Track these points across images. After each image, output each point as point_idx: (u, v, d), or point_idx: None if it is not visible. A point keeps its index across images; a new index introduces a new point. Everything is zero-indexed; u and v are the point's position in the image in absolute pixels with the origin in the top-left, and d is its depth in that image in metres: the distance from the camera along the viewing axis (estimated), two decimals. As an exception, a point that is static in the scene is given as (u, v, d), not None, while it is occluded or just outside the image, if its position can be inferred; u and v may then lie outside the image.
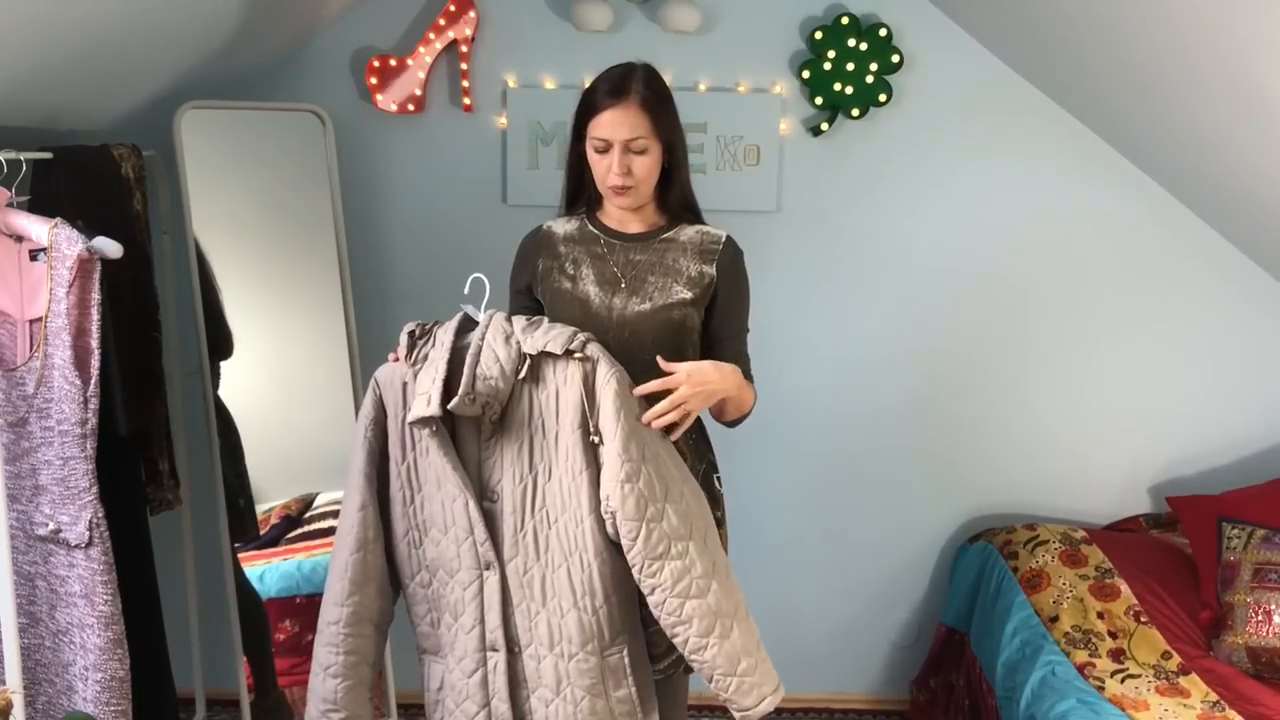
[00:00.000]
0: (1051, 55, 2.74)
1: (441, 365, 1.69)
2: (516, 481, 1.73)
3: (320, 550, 2.87)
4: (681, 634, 1.71)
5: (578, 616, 1.73)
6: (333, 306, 2.79)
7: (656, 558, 1.68)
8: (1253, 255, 2.93)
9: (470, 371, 1.67)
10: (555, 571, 1.73)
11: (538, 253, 1.98)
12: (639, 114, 1.83)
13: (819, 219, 2.97)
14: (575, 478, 1.70)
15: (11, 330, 1.92)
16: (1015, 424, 3.08)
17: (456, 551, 1.75)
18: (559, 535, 1.72)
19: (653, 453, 1.70)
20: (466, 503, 1.72)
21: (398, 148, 2.92)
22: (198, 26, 2.26)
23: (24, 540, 1.94)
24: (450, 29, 2.79)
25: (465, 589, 1.76)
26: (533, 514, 1.73)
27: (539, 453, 1.72)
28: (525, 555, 1.73)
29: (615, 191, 1.87)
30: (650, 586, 1.69)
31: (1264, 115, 2.19)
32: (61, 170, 2.17)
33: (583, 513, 1.70)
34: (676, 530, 1.69)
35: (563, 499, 1.72)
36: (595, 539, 1.71)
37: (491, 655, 1.76)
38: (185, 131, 2.53)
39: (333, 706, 1.80)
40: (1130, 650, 2.54)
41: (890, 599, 3.18)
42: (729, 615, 1.72)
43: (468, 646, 1.77)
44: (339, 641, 1.79)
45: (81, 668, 1.91)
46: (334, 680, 1.79)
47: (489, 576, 1.74)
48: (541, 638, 1.74)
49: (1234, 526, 2.67)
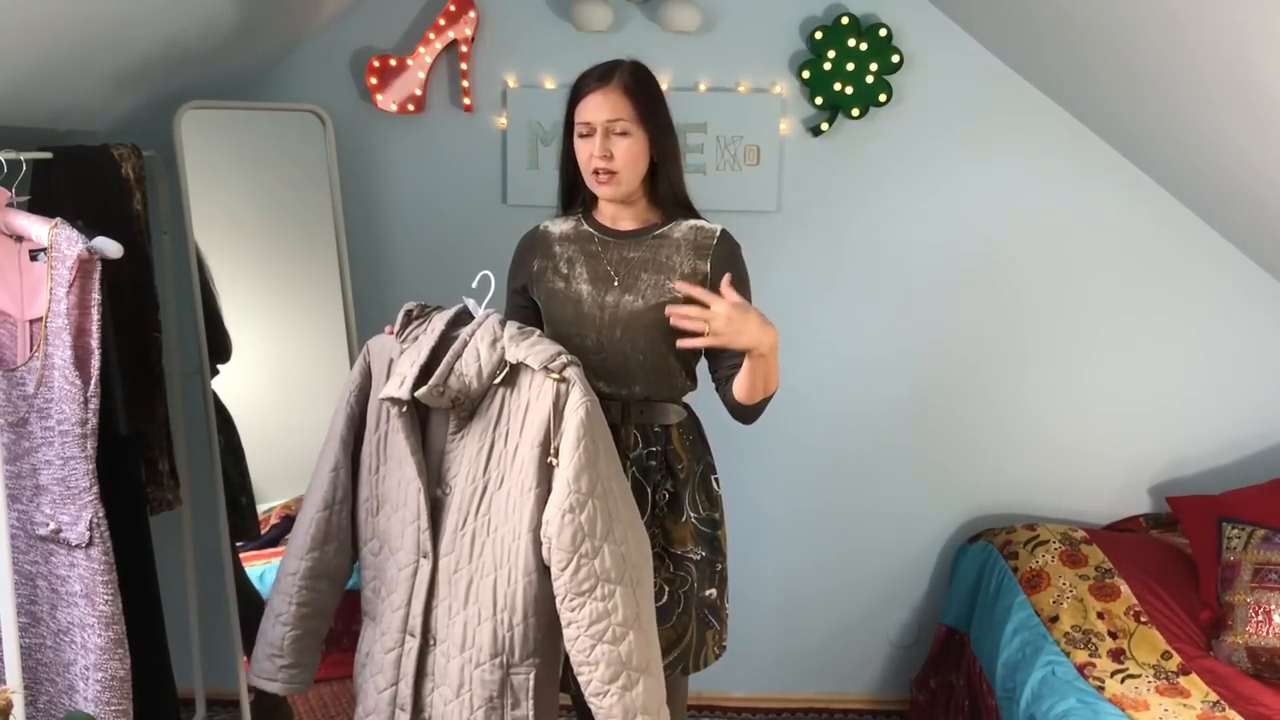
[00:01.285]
0: (1051, 55, 2.74)
1: (425, 351, 1.72)
2: (469, 480, 1.73)
3: (320, 550, 2.87)
4: (586, 674, 1.69)
5: (493, 628, 1.72)
6: (333, 306, 2.79)
7: (580, 594, 1.66)
8: (1252, 255, 2.93)
9: (447, 365, 1.69)
10: (483, 579, 1.73)
11: (533, 253, 1.98)
12: (621, 97, 1.85)
13: (819, 219, 2.97)
14: (523, 493, 1.69)
15: (11, 330, 1.92)
16: (1015, 424, 3.08)
17: (402, 531, 1.78)
18: (494, 544, 1.72)
19: (604, 488, 1.67)
20: (419, 489, 1.74)
21: (398, 148, 2.92)
22: (198, 26, 2.26)
23: (25, 540, 1.94)
24: (450, 29, 2.79)
25: (401, 570, 1.78)
26: (476, 516, 1.73)
27: (496, 459, 1.72)
28: (459, 554, 1.74)
29: (598, 178, 1.87)
30: (567, 620, 1.68)
31: (1264, 115, 2.19)
32: (61, 170, 2.17)
33: (521, 529, 1.70)
34: (607, 571, 1.67)
35: (506, 510, 1.71)
36: (528, 558, 1.70)
37: (409, 640, 1.78)
38: (185, 131, 2.53)
39: (278, 652, 1.86)
40: (1130, 650, 2.54)
41: (890, 599, 3.19)
42: (638, 669, 1.69)
43: (391, 624, 1.80)
44: (293, 593, 1.84)
45: (82, 667, 1.91)
46: (283, 628, 1.85)
47: (423, 565, 1.76)
48: (455, 638, 1.75)
49: (1234, 526, 2.67)
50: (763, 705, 3.17)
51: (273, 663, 1.86)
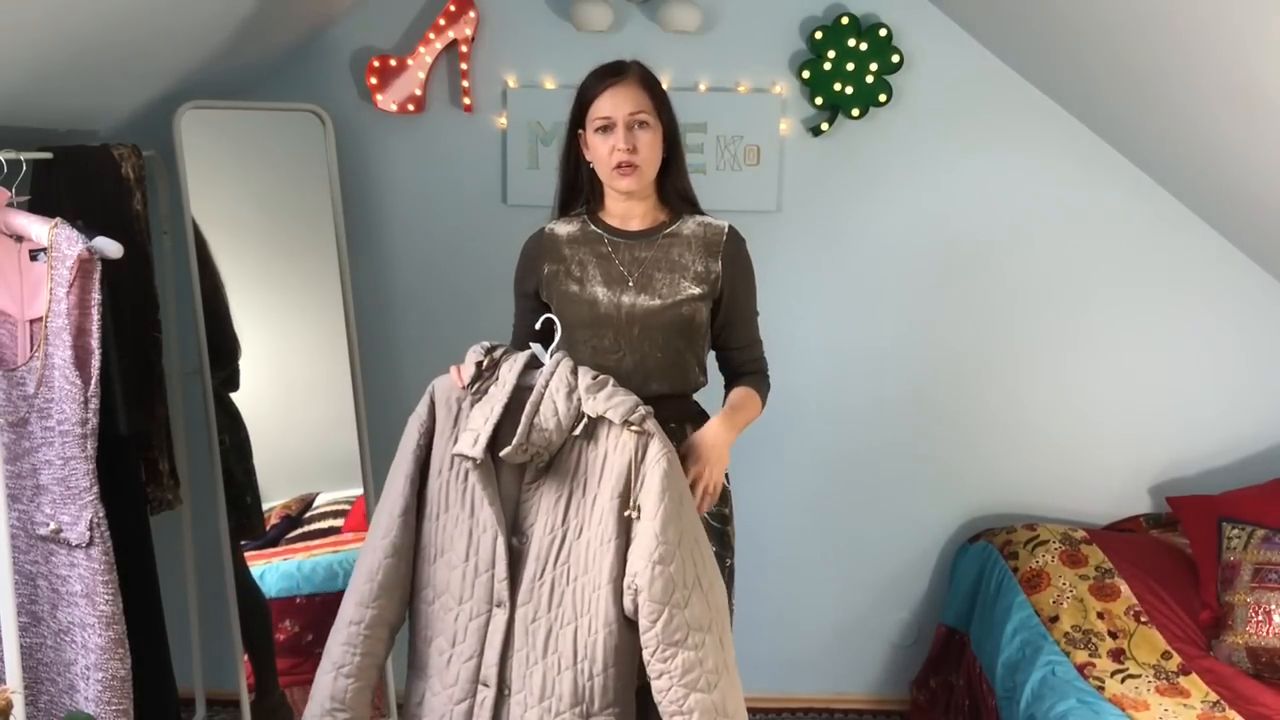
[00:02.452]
0: (1051, 55, 2.74)
1: (498, 408, 1.69)
2: (547, 531, 1.72)
3: (320, 550, 2.87)
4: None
5: (573, 677, 1.71)
6: (333, 306, 2.79)
7: (672, 644, 1.66)
8: (1252, 255, 2.93)
9: (528, 422, 1.66)
10: (563, 628, 1.72)
11: (542, 257, 1.98)
12: (639, 90, 1.88)
13: (819, 219, 2.97)
14: (603, 544, 1.69)
15: (12, 330, 1.92)
16: (1015, 424, 3.08)
17: (471, 581, 1.74)
18: (574, 594, 1.71)
19: (691, 539, 1.69)
20: (496, 537, 1.71)
21: (398, 148, 2.92)
22: (198, 26, 2.26)
23: (25, 540, 1.94)
24: (450, 29, 2.79)
25: (471, 620, 1.75)
26: (554, 566, 1.72)
27: (575, 509, 1.71)
28: (538, 604, 1.72)
29: (621, 171, 1.87)
30: (659, 671, 1.68)
31: (1263, 115, 2.19)
32: (61, 170, 2.17)
33: (602, 579, 1.69)
34: (698, 620, 1.68)
35: (586, 561, 1.71)
36: (608, 608, 1.69)
37: (482, 690, 1.75)
38: (185, 131, 2.53)
39: (340, 706, 1.78)
40: (1130, 650, 2.54)
41: (890, 599, 3.18)
42: (731, 715, 1.71)
43: (460, 675, 1.76)
44: (358, 643, 1.77)
45: (83, 667, 1.91)
46: (346, 680, 1.78)
47: (498, 614, 1.73)
48: (533, 687, 1.73)
49: (1234, 526, 2.67)
50: (763, 705, 3.17)
51: (333, 717, 1.79)
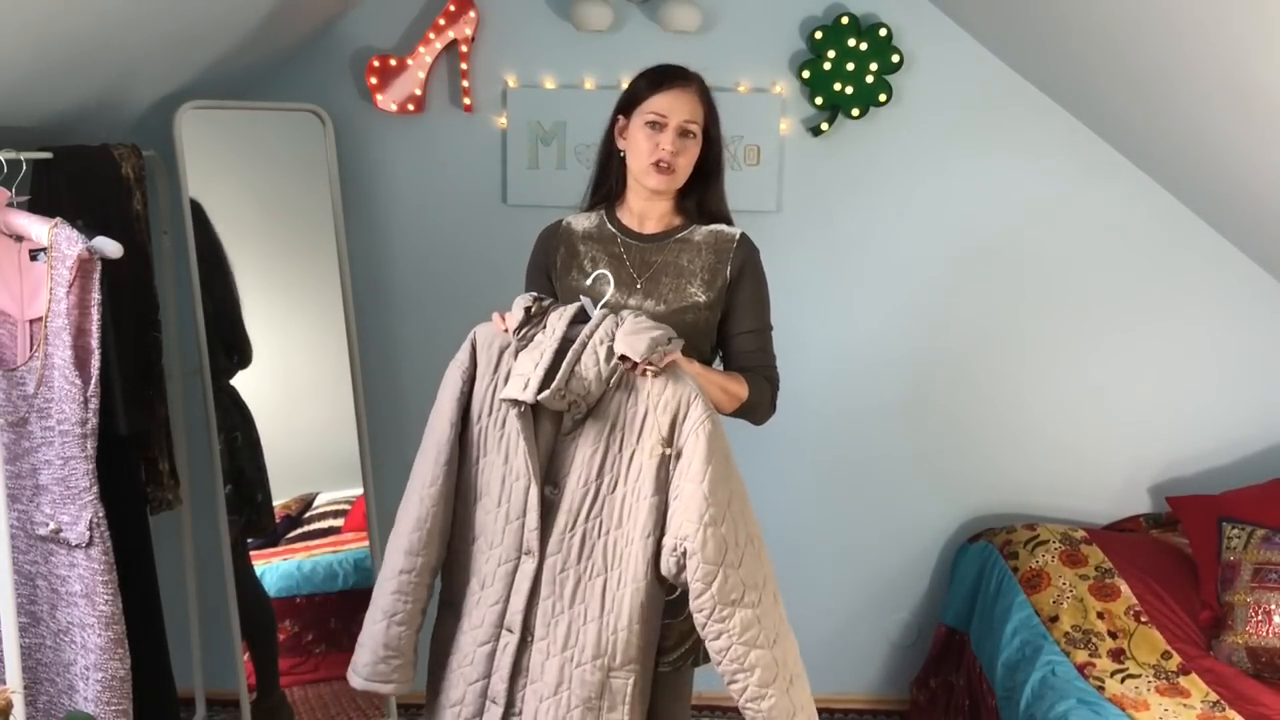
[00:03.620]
0: (1051, 55, 2.74)
1: (548, 354, 1.68)
2: (581, 483, 1.72)
3: (320, 550, 2.87)
4: (741, 681, 1.70)
5: (597, 629, 1.72)
6: (333, 306, 2.79)
7: (729, 604, 1.67)
8: (1253, 255, 2.93)
9: (568, 369, 1.66)
10: (591, 580, 1.73)
11: (557, 244, 1.99)
12: (699, 102, 1.90)
13: (819, 219, 2.97)
14: (639, 500, 1.69)
15: (11, 330, 1.92)
16: (1015, 424, 3.08)
17: (503, 527, 1.75)
18: (605, 548, 1.72)
19: (740, 499, 1.70)
20: (528, 487, 1.71)
21: (398, 148, 2.92)
22: (198, 27, 2.26)
23: (25, 540, 1.94)
24: (450, 29, 2.79)
25: (500, 565, 1.75)
26: (587, 519, 1.72)
27: (610, 463, 1.71)
28: (567, 555, 1.73)
29: (658, 168, 1.88)
30: (717, 632, 1.68)
31: (1263, 115, 2.19)
32: (61, 170, 2.17)
33: (635, 534, 1.70)
34: (752, 579, 1.69)
35: (620, 515, 1.71)
36: (639, 564, 1.70)
37: (505, 635, 1.76)
38: (185, 131, 2.53)
39: (394, 653, 1.80)
40: (1130, 650, 2.54)
41: (890, 599, 3.19)
42: (790, 671, 1.72)
43: (486, 618, 1.77)
44: (409, 590, 1.78)
45: (82, 667, 1.91)
46: (399, 628, 1.79)
47: (526, 562, 1.74)
48: (557, 636, 1.74)
49: (1234, 526, 2.67)
50: (763, 705, 3.17)
51: (388, 664, 1.81)
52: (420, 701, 3.20)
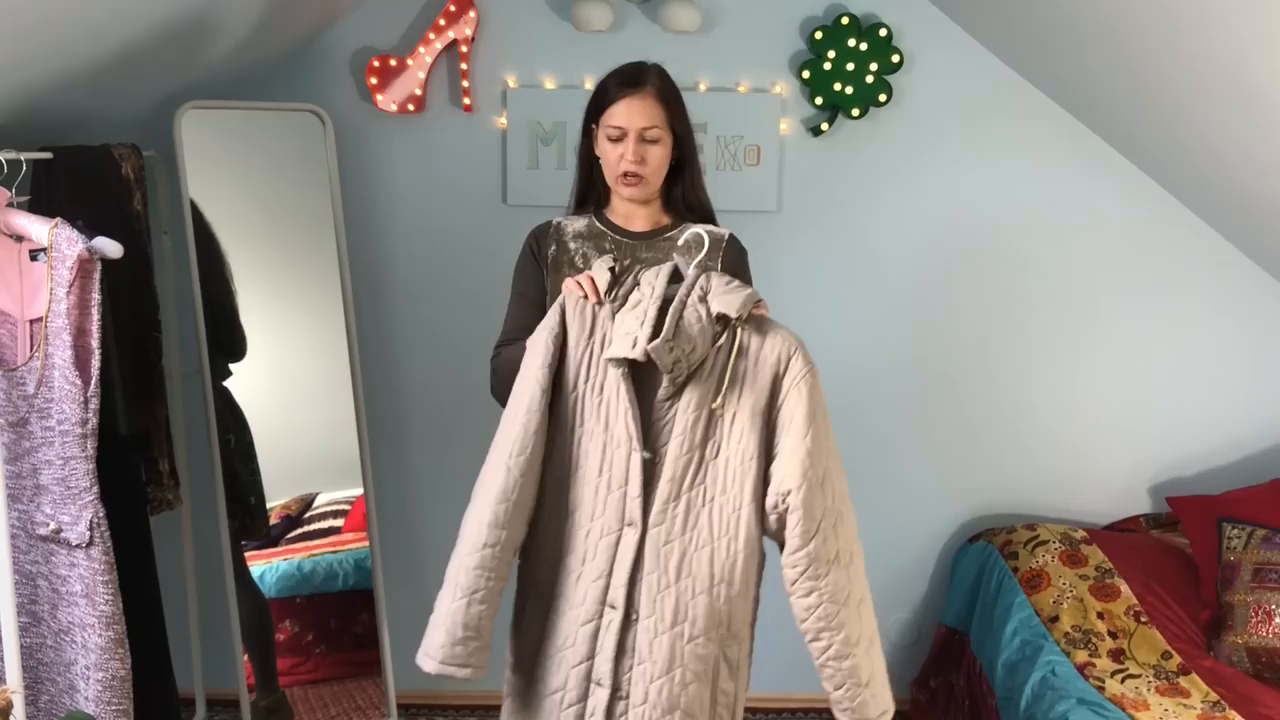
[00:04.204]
0: (1051, 55, 2.74)
1: (652, 310, 1.65)
2: (683, 450, 1.68)
3: (320, 550, 2.87)
4: (826, 640, 1.70)
5: (708, 601, 1.69)
6: (333, 306, 2.79)
7: (826, 563, 1.67)
8: (1252, 255, 2.93)
9: (673, 322, 1.64)
10: (698, 550, 1.68)
11: (549, 242, 1.99)
12: (654, 103, 1.87)
13: (819, 219, 2.97)
14: (745, 463, 1.67)
15: (12, 330, 1.92)
16: (1015, 424, 3.08)
17: (604, 498, 1.70)
18: (710, 516, 1.69)
19: (838, 458, 1.70)
20: (629, 454, 1.67)
21: (398, 148, 2.92)
22: (198, 26, 2.26)
23: (25, 540, 1.94)
24: (450, 29, 2.79)
25: (601, 538, 1.70)
26: (690, 487, 1.69)
27: (713, 428, 1.68)
28: (670, 526, 1.68)
29: (626, 180, 1.88)
30: (809, 589, 1.68)
31: (1263, 114, 2.19)
32: (61, 170, 2.17)
33: (743, 500, 1.68)
34: (846, 539, 1.69)
35: (725, 481, 1.68)
36: (748, 529, 1.68)
37: (609, 612, 1.69)
38: (185, 131, 2.53)
39: (473, 634, 1.68)
40: (1130, 650, 2.54)
41: (890, 599, 3.18)
42: (870, 634, 1.74)
43: (588, 595, 1.70)
44: (492, 566, 1.69)
45: (83, 667, 1.91)
46: (480, 606, 1.69)
47: (628, 534, 1.68)
48: (665, 612, 1.68)
49: (1234, 526, 2.67)
50: (763, 705, 3.17)
51: (466, 646, 1.69)
52: (420, 701, 3.21)
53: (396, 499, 3.04)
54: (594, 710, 1.71)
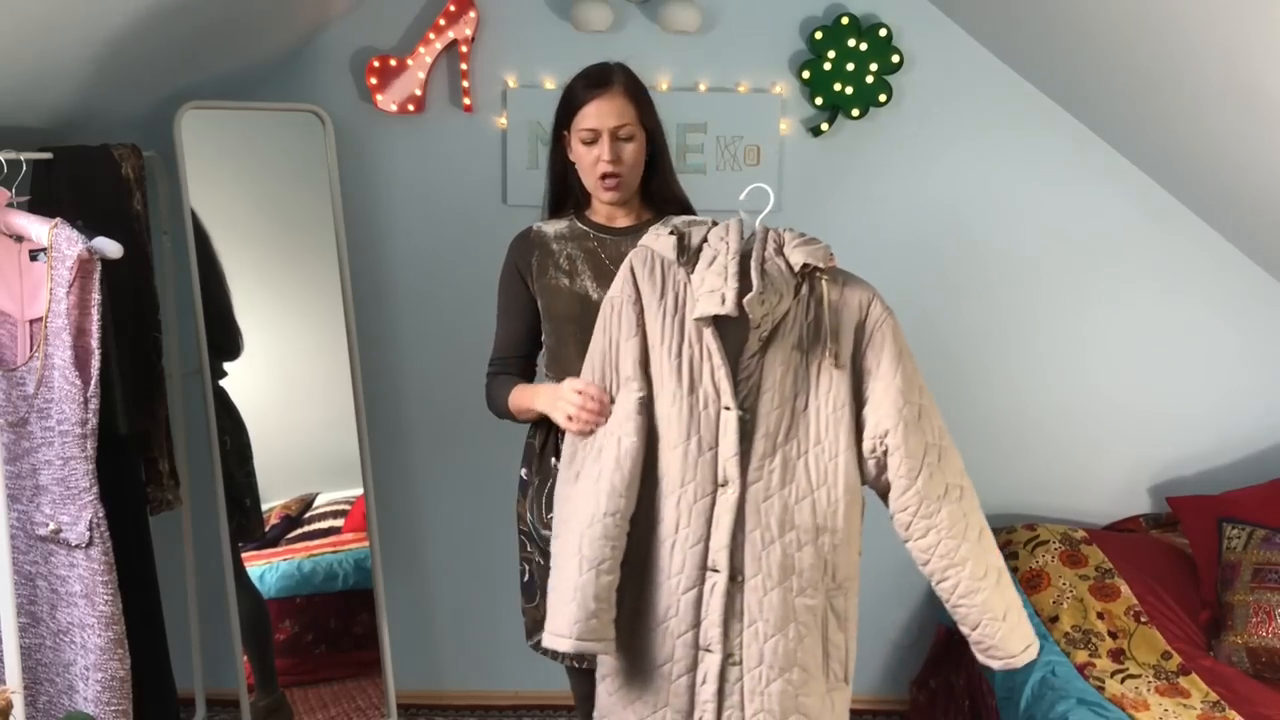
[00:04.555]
0: (1051, 55, 2.74)
1: (733, 264, 1.64)
2: (774, 405, 1.66)
3: (320, 550, 2.87)
4: (953, 577, 1.69)
5: (815, 551, 1.67)
6: (332, 306, 2.79)
7: (936, 499, 1.67)
8: (1252, 255, 2.93)
9: (759, 272, 1.63)
10: (798, 503, 1.67)
11: (531, 250, 1.99)
12: (624, 102, 1.88)
13: (819, 219, 2.95)
14: (836, 410, 1.67)
15: (11, 330, 1.92)
16: (1015, 424, 3.08)
17: (694, 461, 1.66)
18: (807, 466, 1.67)
19: (929, 398, 1.71)
20: (720, 412, 1.65)
21: (398, 148, 2.91)
22: (198, 26, 2.26)
23: (25, 540, 1.94)
24: (450, 29, 2.79)
25: (696, 501, 1.66)
26: (785, 441, 1.67)
27: (800, 380, 1.68)
28: (769, 481, 1.66)
29: (604, 182, 1.89)
30: (924, 529, 1.69)
31: (1264, 114, 2.19)
32: (61, 170, 2.17)
33: (839, 447, 1.67)
34: (953, 472, 1.70)
35: (818, 430, 1.68)
36: (847, 475, 1.68)
37: (711, 575, 1.65)
38: (185, 131, 2.53)
39: (605, 606, 1.64)
40: (1130, 650, 2.54)
41: (890, 599, 3.18)
42: (997, 565, 1.72)
43: (687, 561, 1.66)
44: (615, 535, 1.64)
45: (82, 667, 1.91)
46: (607, 577, 1.64)
47: (724, 493, 1.65)
48: (772, 569, 1.65)
49: (1234, 526, 2.67)
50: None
51: (600, 619, 1.64)
52: (420, 702, 3.21)
53: (396, 499, 3.04)
54: (705, 677, 1.67)
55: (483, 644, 3.09)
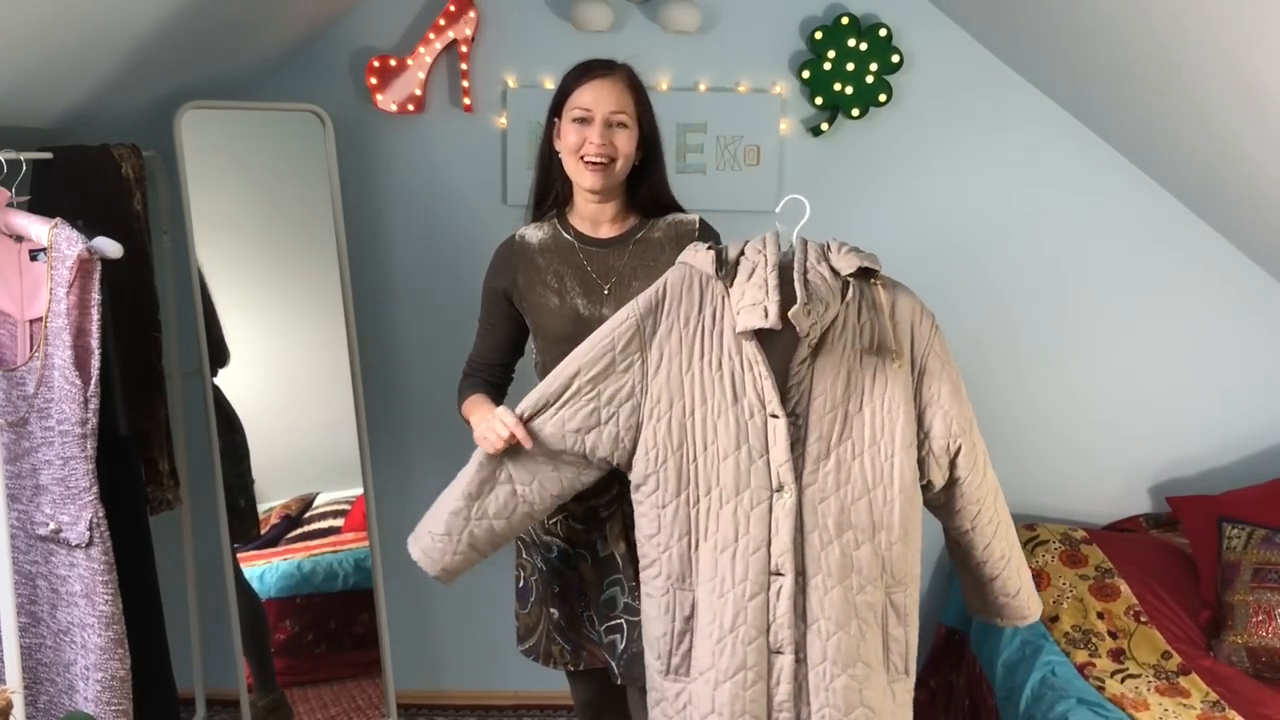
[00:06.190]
0: (1052, 55, 2.74)
1: (772, 277, 1.67)
2: (827, 408, 1.69)
3: (320, 550, 2.87)
4: (1002, 573, 1.89)
5: (872, 549, 1.70)
6: (333, 307, 2.79)
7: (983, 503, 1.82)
8: (1253, 255, 2.93)
9: (802, 282, 1.67)
10: (855, 502, 1.69)
11: (516, 265, 1.95)
12: (624, 90, 1.87)
13: (819, 219, 2.93)
14: (891, 411, 1.70)
15: (11, 330, 1.92)
16: (1015, 424, 3.07)
17: (747, 470, 1.68)
18: (863, 467, 1.70)
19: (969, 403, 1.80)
20: (766, 420, 1.67)
21: (398, 148, 2.92)
22: (198, 26, 2.26)
23: (25, 540, 1.94)
24: (450, 29, 2.79)
25: (753, 509, 1.68)
26: (839, 443, 1.69)
27: (853, 382, 1.70)
28: (824, 483, 1.69)
29: (590, 167, 1.85)
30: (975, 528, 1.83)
31: (1265, 115, 2.19)
32: (61, 170, 2.17)
33: (894, 447, 1.70)
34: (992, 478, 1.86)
35: (873, 431, 1.70)
36: (902, 474, 1.70)
37: (776, 579, 1.67)
38: (185, 131, 2.53)
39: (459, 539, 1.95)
40: (1130, 650, 2.54)
41: (890, 599, 3.18)
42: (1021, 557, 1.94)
43: (750, 568, 1.68)
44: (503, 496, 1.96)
45: (82, 667, 1.91)
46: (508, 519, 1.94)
47: (781, 498, 1.67)
48: (831, 568, 1.68)
49: (1234, 526, 2.67)
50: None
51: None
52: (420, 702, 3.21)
53: (396, 499, 3.04)
54: (779, 679, 1.70)
55: (483, 644, 3.09)
